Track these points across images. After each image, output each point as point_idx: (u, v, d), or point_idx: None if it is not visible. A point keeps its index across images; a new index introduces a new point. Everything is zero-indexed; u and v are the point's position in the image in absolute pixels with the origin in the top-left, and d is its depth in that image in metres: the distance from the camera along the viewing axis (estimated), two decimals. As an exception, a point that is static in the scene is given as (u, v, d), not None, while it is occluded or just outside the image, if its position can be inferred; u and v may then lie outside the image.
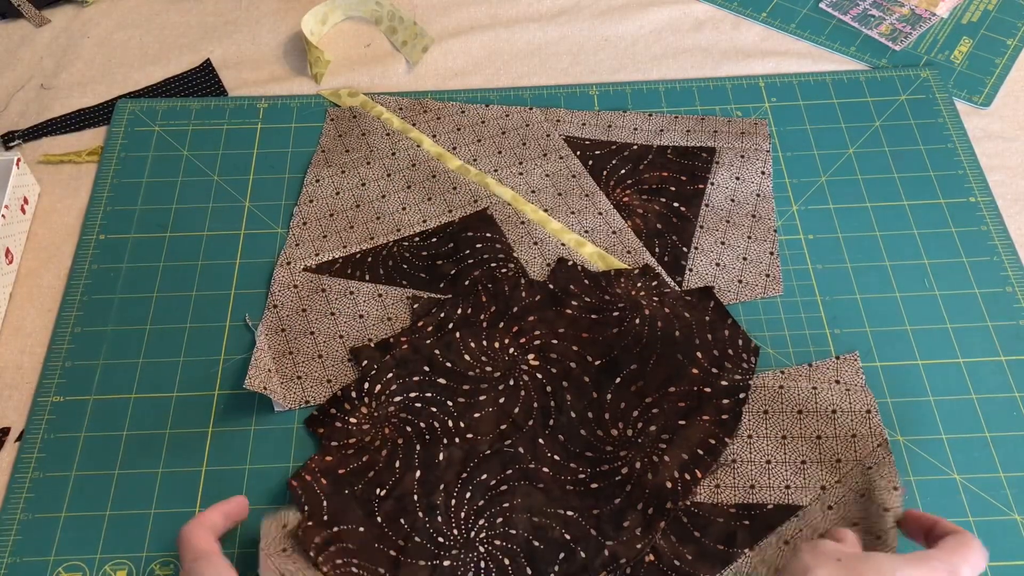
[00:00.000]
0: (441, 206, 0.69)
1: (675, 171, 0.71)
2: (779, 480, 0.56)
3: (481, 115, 0.75)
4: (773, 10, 0.83)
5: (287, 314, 0.64)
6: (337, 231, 0.68)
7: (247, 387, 0.58)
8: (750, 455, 0.57)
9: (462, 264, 0.66)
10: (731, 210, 0.69)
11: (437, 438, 0.58)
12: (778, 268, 0.66)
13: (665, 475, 0.56)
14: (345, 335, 0.63)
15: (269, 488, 0.57)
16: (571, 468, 0.57)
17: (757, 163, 0.71)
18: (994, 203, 0.69)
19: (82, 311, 0.65)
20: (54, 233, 0.70)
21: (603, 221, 0.68)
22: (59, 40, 0.82)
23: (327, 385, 0.61)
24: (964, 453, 0.58)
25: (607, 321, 0.62)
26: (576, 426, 0.58)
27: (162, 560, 0.55)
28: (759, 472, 0.56)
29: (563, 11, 0.84)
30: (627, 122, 0.74)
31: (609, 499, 0.55)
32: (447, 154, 0.72)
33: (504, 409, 0.59)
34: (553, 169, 0.71)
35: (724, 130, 0.73)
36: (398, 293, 0.65)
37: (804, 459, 0.56)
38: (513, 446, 0.57)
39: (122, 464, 0.58)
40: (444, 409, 0.59)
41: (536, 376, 0.60)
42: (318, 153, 0.73)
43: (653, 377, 0.60)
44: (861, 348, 0.62)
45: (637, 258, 0.66)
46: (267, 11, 0.84)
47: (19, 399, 0.61)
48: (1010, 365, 0.61)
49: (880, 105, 0.75)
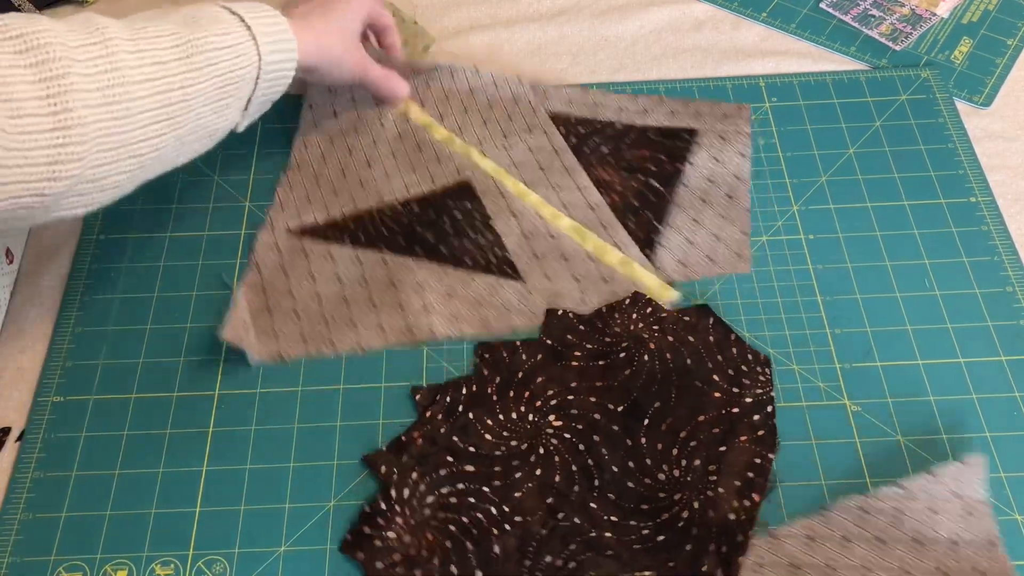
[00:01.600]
0: (424, 176, 0.71)
1: (656, 150, 0.72)
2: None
3: (470, 83, 0.76)
4: (773, 10, 0.83)
5: (268, 274, 0.65)
6: (321, 196, 0.70)
7: (221, 338, 0.59)
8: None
9: (440, 232, 0.67)
10: (707, 190, 0.70)
11: (486, 530, 0.54)
12: (748, 248, 0.67)
13: (725, 508, 0.54)
14: (323, 296, 0.64)
15: (269, 488, 0.57)
16: (632, 527, 0.54)
17: (737, 145, 0.72)
18: (994, 203, 0.69)
19: (82, 311, 0.65)
20: (54, 233, 0.70)
21: (582, 196, 0.69)
22: (59, 40, 0.82)
23: (302, 343, 0.62)
24: (964, 453, 0.57)
25: (616, 364, 0.61)
26: (622, 480, 0.56)
27: (162, 560, 0.55)
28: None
29: (563, 11, 0.84)
30: (613, 101, 0.75)
31: (680, 547, 0.53)
32: (435, 124, 0.73)
33: (544, 481, 0.56)
34: (537, 144, 0.73)
35: (707, 112, 0.74)
36: (376, 257, 0.66)
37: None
38: (567, 519, 0.54)
39: (122, 464, 0.58)
40: (483, 497, 0.55)
41: (564, 436, 0.58)
42: (306, 110, 0.74)
43: (679, 410, 0.58)
44: (861, 348, 0.62)
45: (611, 233, 0.67)
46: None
47: (19, 399, 0.61)
48: (1010, 365, 0.61)
49: (880, 105, 0.75)
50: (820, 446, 0.58)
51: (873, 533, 0.53)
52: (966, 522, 0.53)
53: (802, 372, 0.61)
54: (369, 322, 0.63)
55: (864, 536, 0.53)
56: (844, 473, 0.57)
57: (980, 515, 0.54)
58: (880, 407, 0.60)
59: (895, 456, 0.57)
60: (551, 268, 0.66)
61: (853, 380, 0.61)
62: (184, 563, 0.54)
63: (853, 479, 0.57)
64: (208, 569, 0.54)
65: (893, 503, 0.54)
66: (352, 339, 0.62)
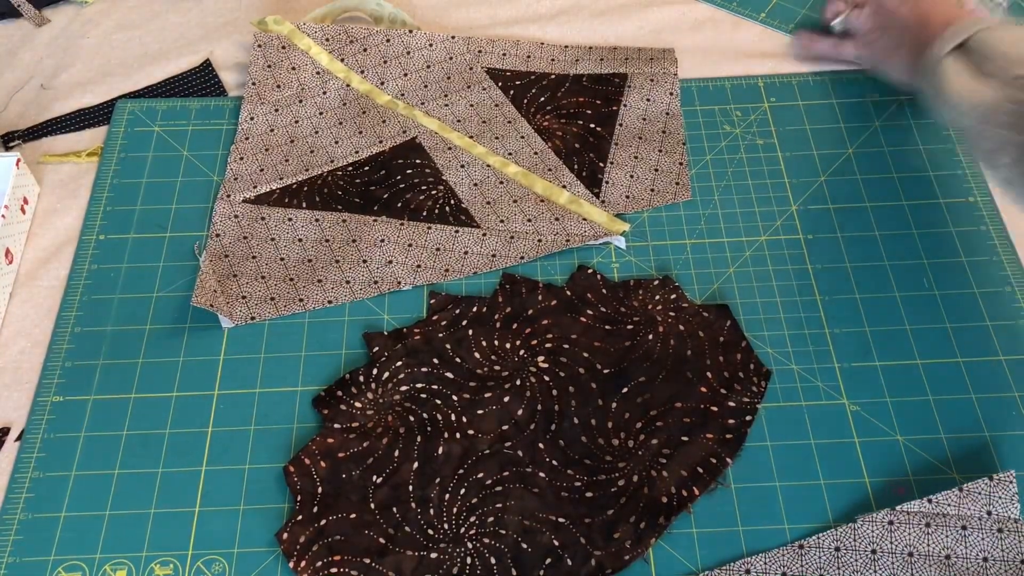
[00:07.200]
0: (372, 138, 0.73)
1: (590, 96, 0.76)
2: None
3: (406, 45, 0.78)
4: (772, 10, 0.83)
5: (229, 242, 0.67)
6: (273, 164, 0.72)
7: (193, 304, 0.62)
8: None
9: (394, 189, 0.70)
10: (643, 128, 0.74)
11: (438, 431, 0.58)
12: (687, 176, 0.71)
13: (662, 489, 0.56)
14: (286, 258, 0.66)
15: (269, 488, 0.57)
16: (568, 475, 0.57)
17: (666, 85, 0.76)
18: (993, 203, 0.69)
19: (82, 311, 0.65)
20: (54, 233, 0.70)
21: (525, 144, 0.73)
22: (59, 40, 0.82)
23: (271, 303, 0.64)
24: (963, 452, 0.58)
25: (620, 333, 0.62)
26: (578, 432, 0.58)
27: (161, 560, 0.55)
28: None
29: (563, 11, 0.84)
30: (545, 53, 0.79)
31: (603, 509, 0.55)
32: (376, 90, 0.76)
33: (508, 409, 0.59)
34: (477, 100, 0.76)
35: (635, 57, 0.78)
36: (334, 217, 0.69)
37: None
38: (513, 448, 0.58)
39: (122, 464, 0.58)
40: (449, 403, 0.59)
41: (544, 379, 0.60)
42: (249, 87, 0.76)
43: (660, 391, 0.60)
44: (860, 348, 0.62)
45: (557, 175, 0.70)
46: (267, 11, 0.84)
47: (19, 399, 0.61)
48: (1009, 365, 0.61)
49: (879, 105, 0.75)
50: (819, 446, 0.58)
51: (902, 547, 0.53)
52: (997, 539, 0.53)
53: (801, 372, 0.61)
54: (335, 279, 0.65)
55: (892, 550, 0.53)
56: (843, 473, 0.57)
57: (1011, 532, 0.53)
58: (879, 407, 0.60)
59: (894, 455, 0.58)
60: (504, 212, 0.69)
61: (852, 380, 0.61)
62: (183, 563, 0.55)
63: (852, 479, 0.57)
64: (207, 569, 0.54)
65: (922, 518, 0.54)
66: (320, 296, 0.65)
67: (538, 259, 0.67)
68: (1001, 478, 0.54)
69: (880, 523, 0.54)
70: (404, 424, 0.59)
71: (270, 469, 0.58)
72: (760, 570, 0.53)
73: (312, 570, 0.53)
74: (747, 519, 0.56)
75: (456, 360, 0.61)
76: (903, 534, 0.54)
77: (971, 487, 0.54)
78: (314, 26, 0.78)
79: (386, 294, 0.65)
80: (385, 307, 0.65)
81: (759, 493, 0.57)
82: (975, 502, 0.54)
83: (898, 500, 0.55)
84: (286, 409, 0.60)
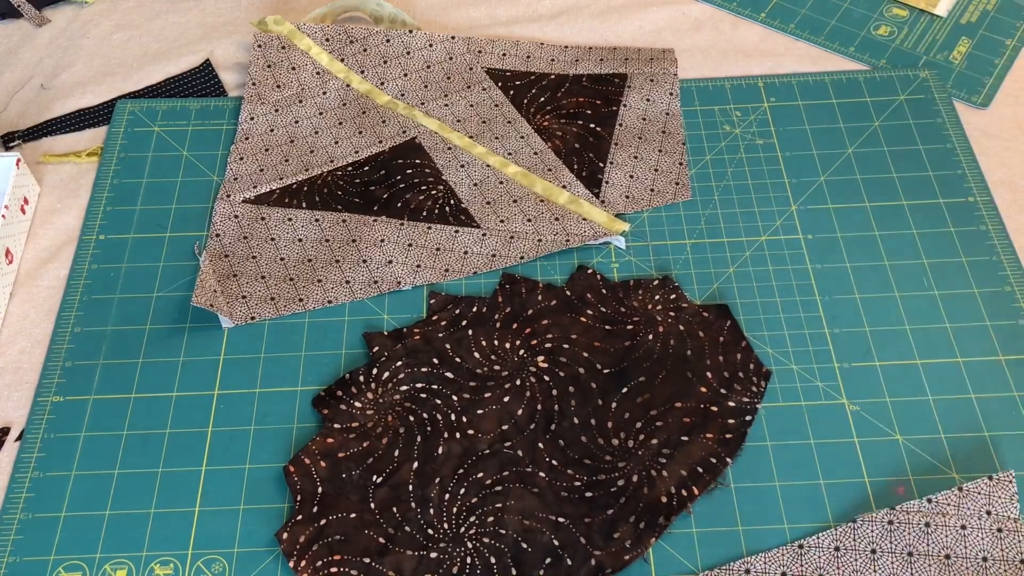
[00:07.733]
0: (372, 138, 0.73)
1: (590, 96, 0.76)
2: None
3: (406, 45, 0.78)
4: (772, 10, 0.83)
5: (229, 242, 0.67)
6: (273, 164, 0.72)
7: (193, 304, 0.62)
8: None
9: (394, 189, 0.69)
10: (643, 128, 0.74)
11: (438, 431, 0.58)
12: (686, 176, 0.70)
13: (661, 489, 0.56)
14: (286, 258, 0.66)
15: (269, 488, 0.57)
16: (568, 475, 0.57)
17: (666, 85, 0.76)
18: (993, 203, 0.69)
19: (82, 311, 0.65)
20: (54, 233, 0.70)
21: (525, 144, 0.73)
22: (59, 40, 0.82)
23: (271, 303, 0.64)
24: (963, 452, 0.58)
25: (620, 333, 0.62)
26: (577, 432, 0.58)
27: (162, 560, 0.55)
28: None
29: (563, 11, 0.84)
30: (545, 53, 0.79)
31: (602, 509, 0.55)
32: (376, 90, 0.76)
33: (508, 409, 0.59)
34: (477, 100, 0.76)
35: (635, 57, 0.78)
36: (334, 217, 0.68)
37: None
38: (512, 448, 0.58)
39: (122, 464, 0.58)
40: (448, 403, 0.60)
41: (544, 379, 0.60)
42: (249, 87, 0.76)
43: (660, 391, 0.60)
44: (860, 348, 0.62)
45: (557, 175, 0.70)
46: (267, 11, 0.84)
47: (19, 399, 0.61)
48: (1009, 364, 0.61)
49: (879, 105, 0.75)
50: (819, 446, 0.58)
51: (901, 547, 0.53)
52: (997, 539, 0.53)
53: (801, 372, 0.61)
54: (335, 279, 0.65)
55: (892, 550, 0.53)
56: (843, 473, 0.57)
57: (1010, 532, 0.53)
58: (879, 407, 0.60)
59: (894, 455, 0.58)
60: (504, 212, 0.69)
61: (852, 380, 0.61)
62: (183, 562, 0.55)
63: (852, 479, 0.57)
64: (207, 568, 0.54)
65: (922, 517, 0.54)
66: (320, 296, 0.64)
67: (538, 259, 0.67)
68: (1001, 478, 0.55)
69: (880, 523, 0.54)
70: (404, 424, 0.59)
71: (270, 469, 0.58)
72: (760, 570, 0.53)
73: (312, 570, 0.53)
74: (747, 519, 0.56)
75: (456, 360, 0.61)
76: (903, 534, 0.54)
77: (971, 487, 0.54)
78: (314, 26, 0.78)
79: (386, 294, 0.65)
80: (385, 307, 0.65)
81: (759, 493, 0.57)
82: (975, 502, 0.54)
83: (898, 500, 0.55)
84: (286, 409, 0.60)
